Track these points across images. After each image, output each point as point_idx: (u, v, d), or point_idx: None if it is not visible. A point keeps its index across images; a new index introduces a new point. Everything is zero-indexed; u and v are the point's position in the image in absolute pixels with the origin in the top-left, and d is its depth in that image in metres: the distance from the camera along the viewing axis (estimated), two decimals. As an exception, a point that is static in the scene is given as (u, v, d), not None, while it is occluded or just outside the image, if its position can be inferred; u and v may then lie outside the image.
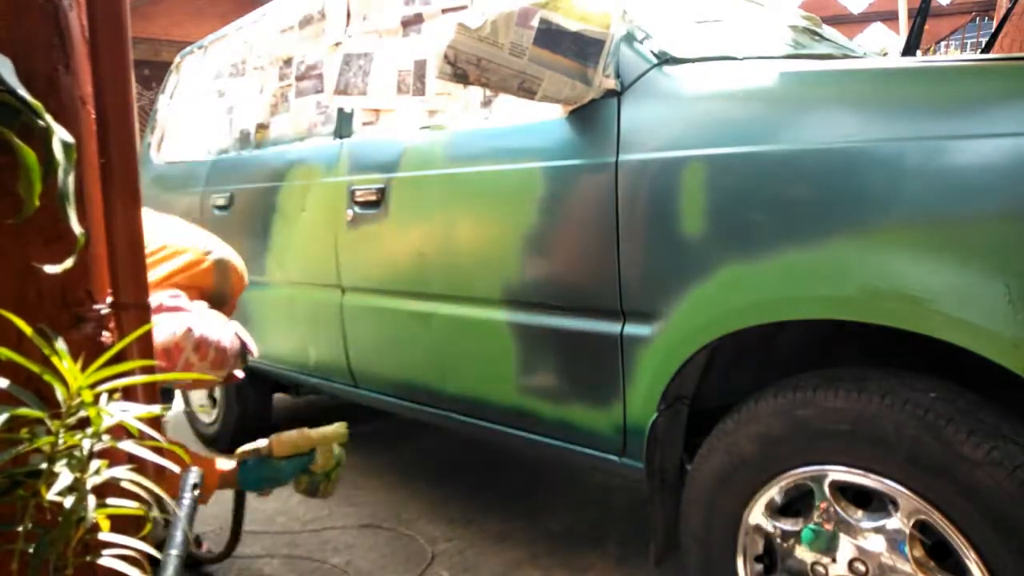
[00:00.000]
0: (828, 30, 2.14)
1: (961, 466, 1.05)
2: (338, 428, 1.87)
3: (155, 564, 1.32)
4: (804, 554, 1.26)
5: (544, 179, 1.58)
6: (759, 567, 1.34)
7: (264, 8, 2.72)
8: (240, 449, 1.85)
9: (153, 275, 1.57)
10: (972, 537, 1.06)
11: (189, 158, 3.05)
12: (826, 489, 1.22)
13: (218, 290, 1.90)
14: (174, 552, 1.38)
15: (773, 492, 1.29)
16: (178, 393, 3.05)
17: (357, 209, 2.05)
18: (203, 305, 1.79)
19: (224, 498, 2.41)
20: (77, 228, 0.77)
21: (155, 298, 1.47)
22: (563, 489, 2.44)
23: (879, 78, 1.22)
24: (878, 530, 1.17)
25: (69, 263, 0.80)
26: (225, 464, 1.83)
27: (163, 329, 1.57)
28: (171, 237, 1.86)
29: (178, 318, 1.63)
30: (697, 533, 1.40)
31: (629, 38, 1.51)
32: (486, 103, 1.82)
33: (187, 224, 2.06)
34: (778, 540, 1.30)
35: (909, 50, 1.79)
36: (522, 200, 1.62)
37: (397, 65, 2.03)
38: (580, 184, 1.51)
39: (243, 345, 1.79)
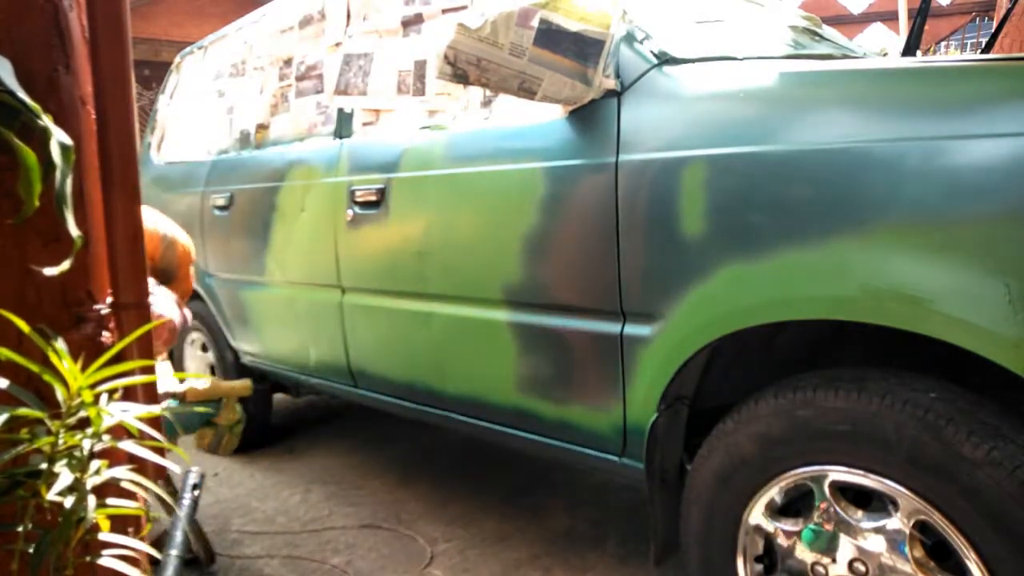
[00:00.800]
0: (828, 30, 2.14)
1: (961, 466, 1.05)
2: (244, 382, 2.09)
3: (155, 564, 1.32)
4: (804, 554, 1.27)
5: (544, 179, 1.58)
6: (759, 567, 1.34)
7: (264, 8, 2.72)
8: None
9: None
10: (972, 537, 1.06)
11: (189, 158, 3.05)
12: (826, 489, 1.22)
13: (163, 263, 2.02)
14: (174, 552, 1.39)
15: (773, 492, 1.29)
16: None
17: (357, 209, 2.05)
18: (153, 283, 1.85)
19: (224, 497, 2.42)
20: (74, 231, 0.77)
21: None
22: (563, 489, 2.44)
23: (879, 78, 1.22)
24: (878, 530, 1.17)
25: (65, 266, 0.80)
26: None
27: None
28: None
29: None
30: (697, 533, 1.41)
31: (629, 38, 1.51)
32: (486, 103, 1.81)
33: None
34: (778, 540, 1.30)
35: (909, 50, 1.79)
36: (522, 200, 1.62)
37: (397, 65, 2.03)
38: (580, 184, 1.51)
39: (184, 320, 1.94)
